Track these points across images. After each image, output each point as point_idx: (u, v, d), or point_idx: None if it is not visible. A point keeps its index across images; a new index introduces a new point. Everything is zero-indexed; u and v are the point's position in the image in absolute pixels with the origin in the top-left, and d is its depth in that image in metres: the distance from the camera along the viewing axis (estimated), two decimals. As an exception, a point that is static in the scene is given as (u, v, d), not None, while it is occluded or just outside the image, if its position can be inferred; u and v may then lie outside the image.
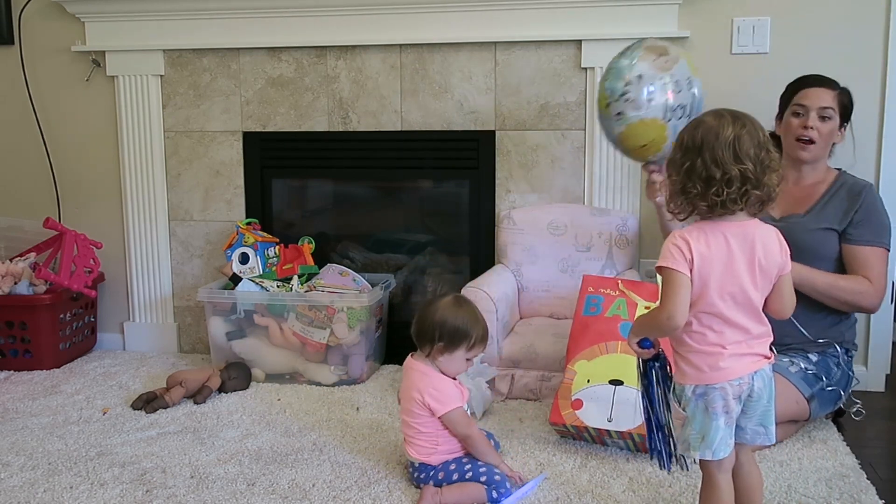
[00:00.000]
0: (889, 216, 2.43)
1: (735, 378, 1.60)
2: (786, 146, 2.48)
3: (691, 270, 1.57)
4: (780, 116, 2.55)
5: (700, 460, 1.66)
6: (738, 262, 1.58)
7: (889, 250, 2.42)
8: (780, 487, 2.06)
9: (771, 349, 1.66)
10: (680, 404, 1.66)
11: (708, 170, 1.54)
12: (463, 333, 2.04)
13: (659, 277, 2.41)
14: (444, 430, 2.05)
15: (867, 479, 2.11)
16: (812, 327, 2.38)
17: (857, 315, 2.53)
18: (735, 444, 1.65)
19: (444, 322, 2.04)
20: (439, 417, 2.03)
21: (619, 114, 2.34)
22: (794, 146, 2.46)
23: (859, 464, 2.20)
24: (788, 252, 1.64)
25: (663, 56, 2.33)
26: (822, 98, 2.43)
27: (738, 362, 1.60)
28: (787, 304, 1.65)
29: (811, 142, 2.42)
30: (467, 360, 2.08)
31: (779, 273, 1.62)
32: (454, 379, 2.11)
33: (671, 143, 2.28)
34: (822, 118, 2.43)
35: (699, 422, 1.62)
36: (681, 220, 1.65)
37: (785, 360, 2.34)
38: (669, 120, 2.32)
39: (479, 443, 2.06)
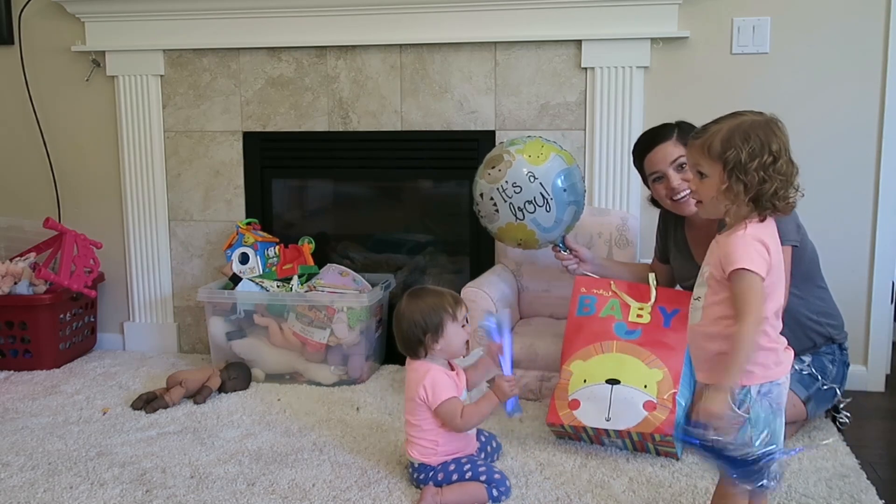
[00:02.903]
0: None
1: (789, 371, 1.61)
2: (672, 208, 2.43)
3: (769, 272, 1.57)
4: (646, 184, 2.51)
5: None
6: (780, 258, 1.62)
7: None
8: (780, 487, 2.05)
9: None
10: (741, 408, 1.59)
11: (789, 165, 1.55)
12: (438, 313, 2.05)
13: (652, 278, 2.45)
14: (444, 428, 2.06)
15: (867, 479, 2.11)
16: (795, 336, 2.36)
17: (848, 311, 2.52)
18: None
19: (414, 320, 2.05)
20: (434, 411, 2.03)
21: (485, 227, 2.60)
22: (680, 207, 2.40)
23: (859, 464, 2.20)
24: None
25: (496, 167, 2.49)
26: (671, 152, 2.36)
27: (787, 355, 1.62)
28: None
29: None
30: (462, 327, 2.08)
31: None
32: (452, 370, 2.11)
33: (541, 235, 2.48)
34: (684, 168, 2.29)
35: (765, 421, 1.59)
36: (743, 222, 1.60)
37: None
38: (523, 218, 2.47)
39: (475, 419, 2.04)
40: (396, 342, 2.13)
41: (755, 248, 1.54)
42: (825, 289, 2.44)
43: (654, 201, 2.53)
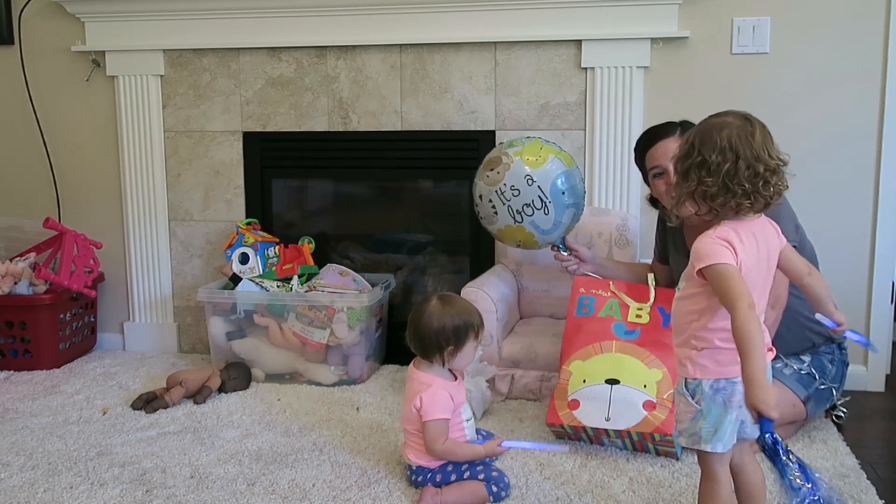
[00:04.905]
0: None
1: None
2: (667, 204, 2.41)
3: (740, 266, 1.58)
4: (646, 181, 2.50)
5: (700, 455, 1.67)
6: (762, 259, 1.62)
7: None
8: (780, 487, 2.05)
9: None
10: (693, 398, 1.64)
11: (753, 167, 1.55)
12: (466, 328, 2.04)
13: (651, 279, 2.45)
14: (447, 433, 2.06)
15: (867, 479, 2.11)
16: (794, 336, 2.35)
17: (848, 311, 2.50)
18: (736, 441, 1.65)
19: (443, 327, 2.02)
20: (424, 422, 2.02)
21: (485, 227, 2.61)
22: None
23: (859, 464, 2.20)
24: (780, 230, 1.68)
25: (494, 169, 2.50)
26: (673, 149, 2.36)
27: None
28: (803, 269, 1.71)
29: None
30: (475, 347, 2.09)
31: (778, 253, 1.67)
32: (455, 380, 2.11)
33: (541, 237, 2.48)
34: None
35: (714, 416, 1.62)
36: (706, 221, 1.63)
37: (779, 363, 2.33)
38: (522, 220, 2.48)
39: (452, 455, 2.03)
40: (410, 340, 2.08)
41: (719, 244, 1.57)
42: None
43: (652, 201, 2.53)
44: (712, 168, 1.56)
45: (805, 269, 1.71)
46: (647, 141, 2.43)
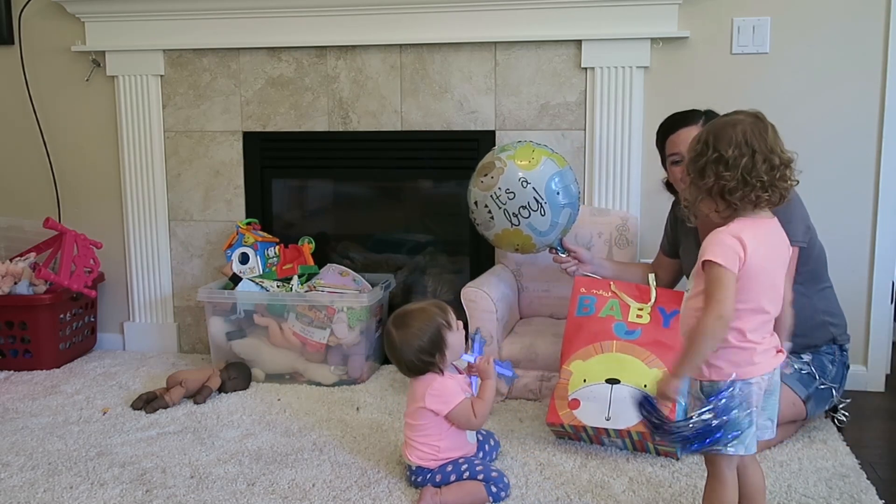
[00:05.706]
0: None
1: (766, 373, 1.63)
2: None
3: (740, 269, 1.58)
4: (664, 166, 2.50)
5: (709, 457, 1.67)
6: (775, 258, 1.64)
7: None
8: (780, 487, 2.06)
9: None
10: (711, 400, 1.63)
11: (769, 160, 1.58)
12: (438, 332, 2.04)
13: (652, 279, 2.46)
14: (448, 433, 2.06)
15: (867, 479, 2.11)
16: (797, 337, 2.34)
17: (848, 311, 2.52)
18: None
19: (419, 348, 2.03)
20: (445, 417, 2.03)
21: (482, 233, 2.61)
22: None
23: (859, 464, 2.20)
24: (788, 240, 1.71)
25: (488, 174, 2.50)
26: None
27: (766, 357, 1.64)
28: (787, 295, 1.73)
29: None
30: (456, 332, 2.09)
31: (788, 257, 1.70)
32: (460, 373, 2.13)
33: (538, 239, 2.48)
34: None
35: (733, 418, 1.61)
36: (723, 219, 1.64)
37: None
38: (519, 223, 2.47)
39: (486, 408, 2.06)
40: (402, 371, 2.10)
41: (729, 242, 1.58)
42: (830, 288, 2.45)
43: (668, 186, 2.54)
44: (730, 163, 1.58)
45: (788, 296, 1.72)
46: (670, 127, 2.44)
